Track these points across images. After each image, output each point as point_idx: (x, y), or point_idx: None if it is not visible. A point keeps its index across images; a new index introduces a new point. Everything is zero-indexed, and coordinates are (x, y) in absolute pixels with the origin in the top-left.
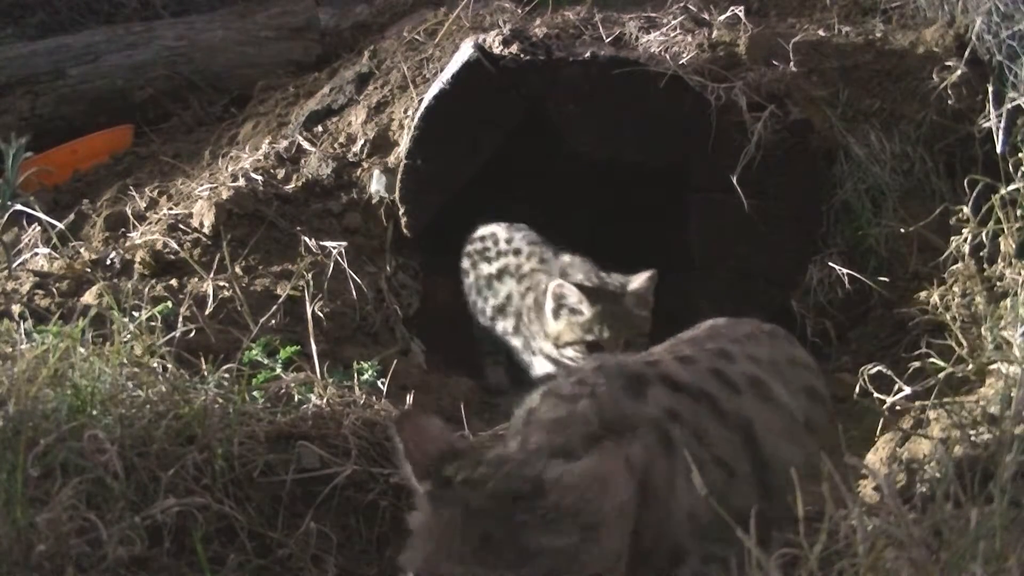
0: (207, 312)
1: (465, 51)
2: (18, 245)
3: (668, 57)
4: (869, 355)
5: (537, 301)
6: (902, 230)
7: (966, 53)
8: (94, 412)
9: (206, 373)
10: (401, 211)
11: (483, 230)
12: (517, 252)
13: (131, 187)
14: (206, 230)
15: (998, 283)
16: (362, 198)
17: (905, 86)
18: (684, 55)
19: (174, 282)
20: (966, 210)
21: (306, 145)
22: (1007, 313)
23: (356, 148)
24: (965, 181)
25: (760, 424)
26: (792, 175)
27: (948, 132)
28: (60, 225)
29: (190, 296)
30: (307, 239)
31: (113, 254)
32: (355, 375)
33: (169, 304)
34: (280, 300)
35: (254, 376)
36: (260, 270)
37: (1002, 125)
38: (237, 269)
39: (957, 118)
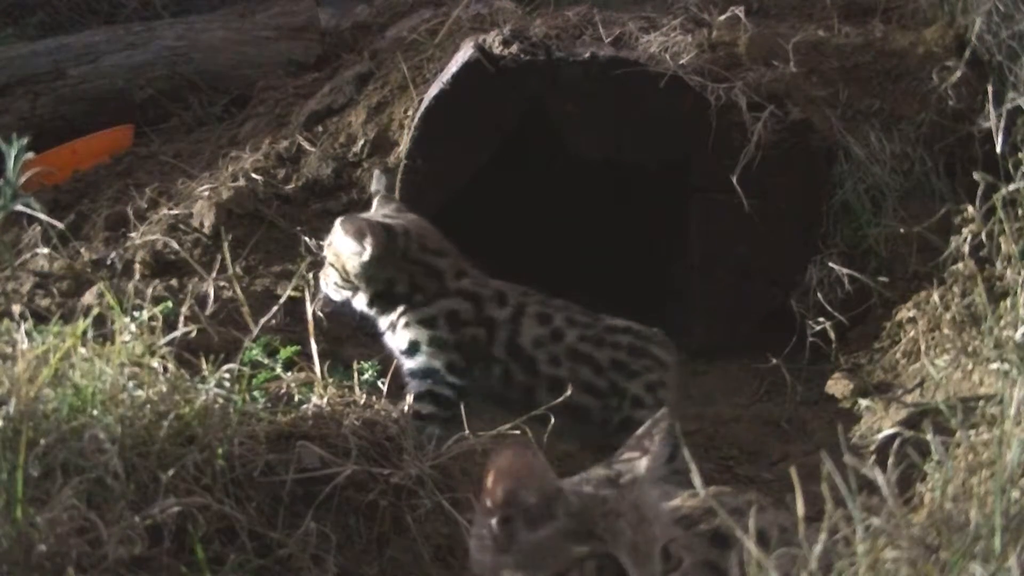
0: (207, 312)
1: (465, 51)
2: (18, 245)
3: (668, 57)
4: (869, 355)
5: None
6: (902, 230)
7: (966, 53)
8: (94, 412)
9: (206, 373)
10: None
11: None
12: None
13: (131, 187)
14: (206, 230)
15: (998, 283)
16: (362, 198)
17: (905, 86)
18: (684, 55)
19: (174, 282)
20: (972, 209)
21: (306, 145)
22: (1007, 313)
23: (356, 148)
24: (975, 176)
25: None
26: (792, 175)
27: (948, 132)
28: (60, 225)
29: (191, 296)
30: (307, 239)
31: (113, 254)
32: (355, 375)
33: (170, 304)
34: (281, 300)
35: (254, 376)
36: (260, 270)
37: (1002, 125)
38: (237, 269)
39: (957, 118)
